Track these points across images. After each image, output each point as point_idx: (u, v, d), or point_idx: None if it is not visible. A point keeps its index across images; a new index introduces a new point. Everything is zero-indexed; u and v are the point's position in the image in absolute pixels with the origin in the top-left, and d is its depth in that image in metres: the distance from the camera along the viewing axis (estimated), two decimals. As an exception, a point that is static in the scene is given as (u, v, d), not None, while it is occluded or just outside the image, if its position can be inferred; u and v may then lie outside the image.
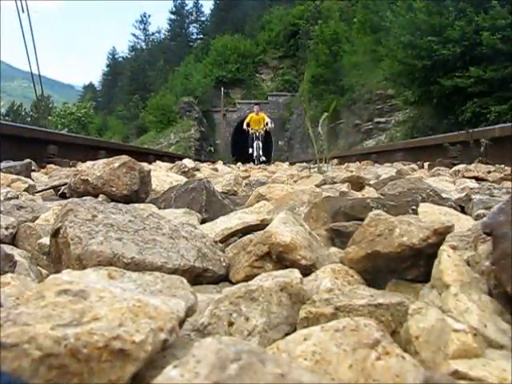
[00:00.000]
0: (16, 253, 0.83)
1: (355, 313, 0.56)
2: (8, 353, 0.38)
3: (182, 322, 0.48)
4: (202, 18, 45.01)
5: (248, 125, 15.74)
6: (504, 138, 4.60)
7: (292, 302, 0.61)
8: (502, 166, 3.94)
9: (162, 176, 2.12)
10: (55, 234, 0.77)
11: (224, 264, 0.84)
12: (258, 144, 15.44)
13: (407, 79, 11.28)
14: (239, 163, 9.93)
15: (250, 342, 0.55)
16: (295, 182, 2.51)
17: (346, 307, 0.57)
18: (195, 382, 0.34)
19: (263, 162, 13.49)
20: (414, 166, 4.60)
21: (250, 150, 15.49)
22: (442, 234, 0.68)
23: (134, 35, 47.76)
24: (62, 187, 1.86)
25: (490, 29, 9.02)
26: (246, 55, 30.37)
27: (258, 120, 15.62)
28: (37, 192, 1.98)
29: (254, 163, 12.76)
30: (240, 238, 1.02)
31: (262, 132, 15.61)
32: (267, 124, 15.57)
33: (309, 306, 0.59)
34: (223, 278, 0.83)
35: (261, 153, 15.37)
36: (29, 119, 43.00)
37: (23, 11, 9.62)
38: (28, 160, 2.85)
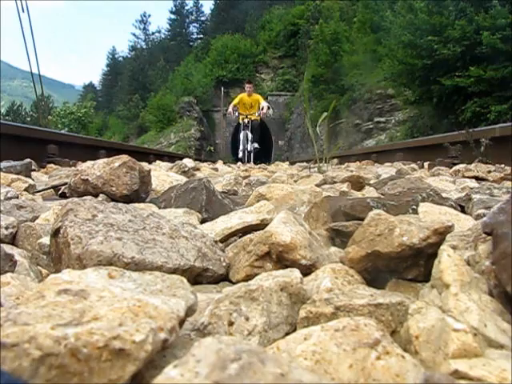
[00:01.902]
0: (16, 252, 0.83)
1: (355, 312, 0.56)
2: (8, 353, 0.38)
3: (182, 322, 0.48)
4: (202, 18, 45.08)
5: (236, 109, 10.82)
6: (504, 137, 4.60)
7: (292, 302, 0.61)
8: (502, 165, 3.95)
9: (162, 175, 2.12)
10: (55, 233, 0.77)
11: (224, 264, 0.84)
12: (245, 134, 10.54)
13: (407, 79, 11.30)
14: (239, 163, 9.78)
15: (250, 341, 0.55)
16: (295, 181, 2.51)
17: (346, 307, 0.57)
18: (195, 381, 0.33)
19: (256, 162, 9.54)
20: (414, 165, 4.59)
21: (239, 146, 10.91)
22: (442, 233, 0.68)
23: (134, 35, 47.86)
24: (62, 187, 1.86)
25: (490, 28, 9.04)
26: (245, 55, 30.36)
27: (250, 103, 10.84)
28: (37, 191, 1.98)
29: (241, 161, 9.44)
30: (240, 237, 1.02)
31: (256, 119, 10.70)
32: (262, 109, 10.61)
33: (309, 305, 0.59)
34: (223, 278, 0.83)
35: (249, 147, 10.49)
36: (29, 119, 43.00)
37: (23, 11, 9.62)
38: (28, 159, 2.85)
